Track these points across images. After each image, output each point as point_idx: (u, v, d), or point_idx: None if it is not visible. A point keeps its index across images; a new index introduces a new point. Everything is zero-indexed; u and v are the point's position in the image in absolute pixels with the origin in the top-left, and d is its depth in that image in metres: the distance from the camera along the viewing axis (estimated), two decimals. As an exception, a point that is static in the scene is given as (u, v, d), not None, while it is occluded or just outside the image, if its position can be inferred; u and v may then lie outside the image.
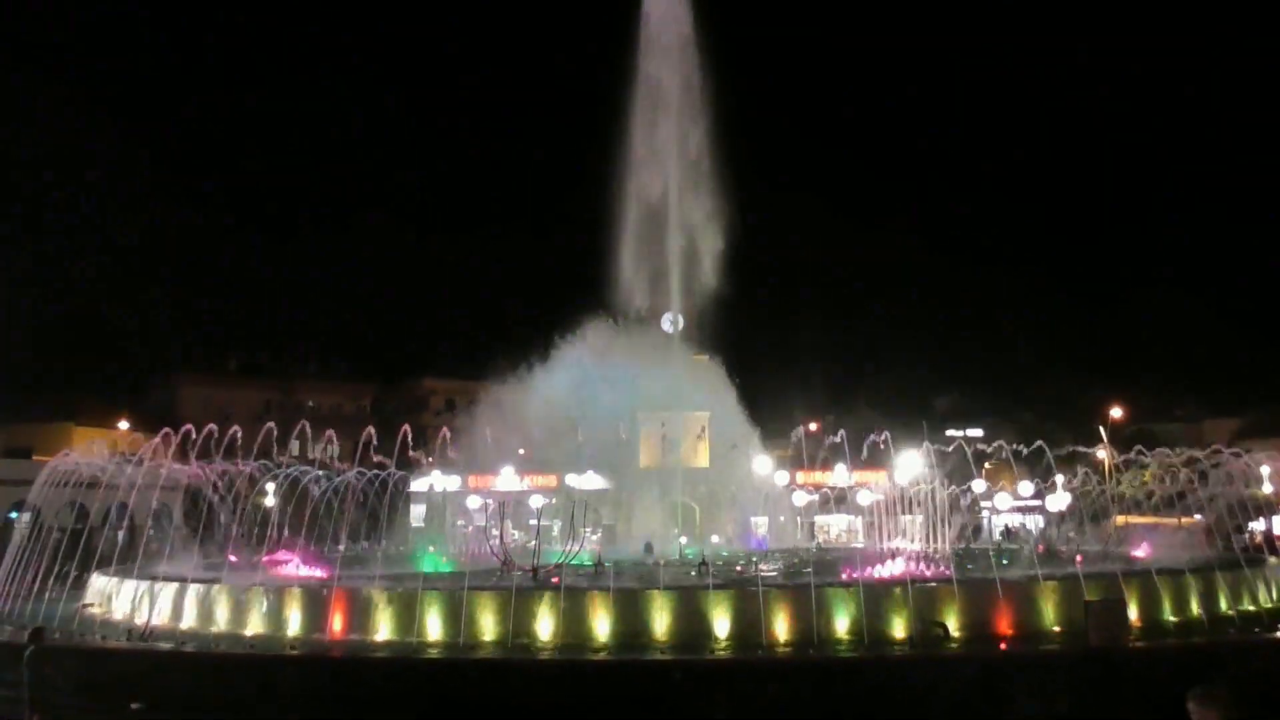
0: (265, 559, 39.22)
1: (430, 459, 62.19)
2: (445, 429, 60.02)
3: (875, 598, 26.44)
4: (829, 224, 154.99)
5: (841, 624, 25.95)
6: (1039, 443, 41.78)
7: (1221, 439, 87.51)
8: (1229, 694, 8.01)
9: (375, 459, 50.49)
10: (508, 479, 63.39)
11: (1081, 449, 57.62)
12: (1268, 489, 54.83)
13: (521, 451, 69.37)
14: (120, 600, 32.78)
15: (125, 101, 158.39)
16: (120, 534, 41.96)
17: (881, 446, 49.40)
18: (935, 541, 47.55)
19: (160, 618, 29.81)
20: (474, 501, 58.34)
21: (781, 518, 63.93)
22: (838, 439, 46.90)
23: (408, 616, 26.62)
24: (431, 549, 45.57)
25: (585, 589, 27.48)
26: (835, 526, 72.95)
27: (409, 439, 61.32)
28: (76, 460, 39.91)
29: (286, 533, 50.14)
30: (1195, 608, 28.90)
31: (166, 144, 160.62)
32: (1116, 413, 77.97)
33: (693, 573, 34.11)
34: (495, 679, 22.85)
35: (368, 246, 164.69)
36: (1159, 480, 67.77)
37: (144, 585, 31.59)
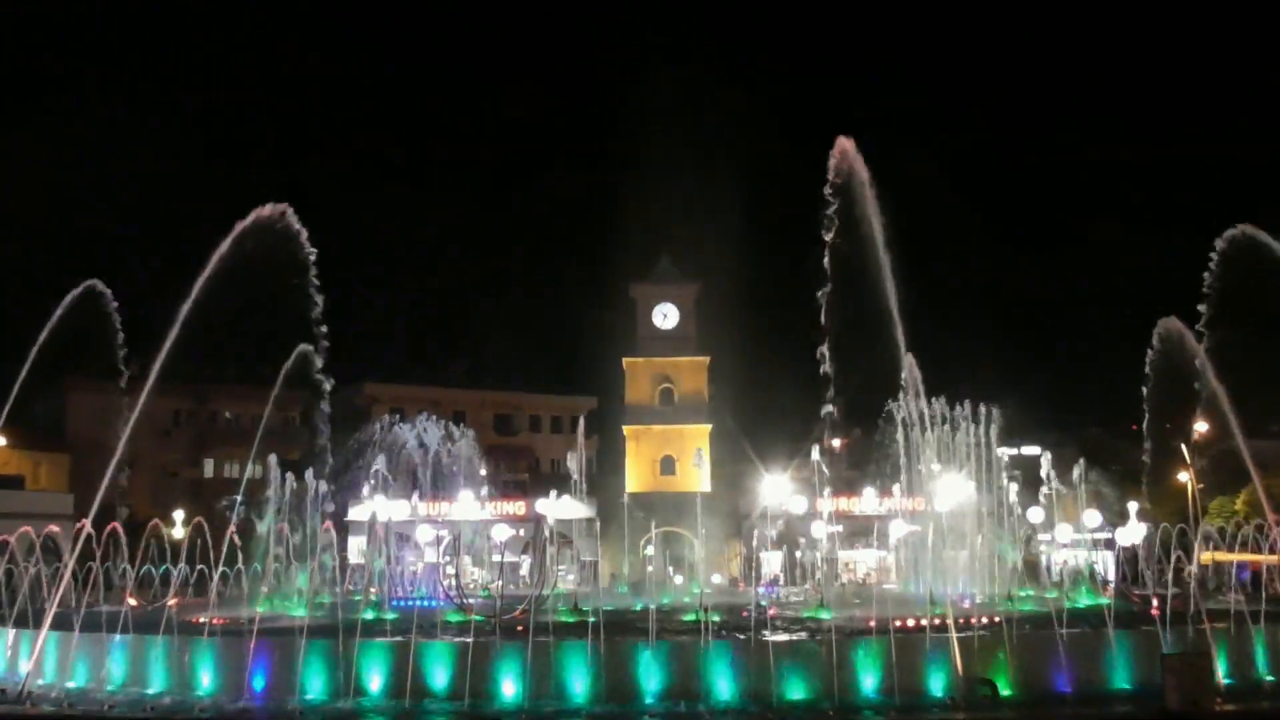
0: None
1: (372, 480, 61.93)
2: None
3: (909, 649, 26.40)
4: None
5: (868, 681, 25.92)
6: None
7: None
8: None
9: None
10: (467, 506, 63.28)
11: None
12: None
13: (484, 472, 69.26)
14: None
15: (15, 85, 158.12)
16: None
17: (921, 467, 49.44)
18: (985, 584, 47.63)
19: (42, 675, 29.62)
20: (425, 533, 58.13)
21: (799, 553, 63.90)
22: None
23: (343, 672, 26.52)
24: (374, 591, 45.42)
25: (558, 639, 27.39)
26: (863, 563, 73.00)
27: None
28: None
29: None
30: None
31: (62, 120, 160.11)
32: (1201, 427, 78.15)
33: (689, 618, 34.07)
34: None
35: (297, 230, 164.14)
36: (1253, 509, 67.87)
37: (23, 635, 31.38)
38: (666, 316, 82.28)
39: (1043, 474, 54.51)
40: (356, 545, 66.83)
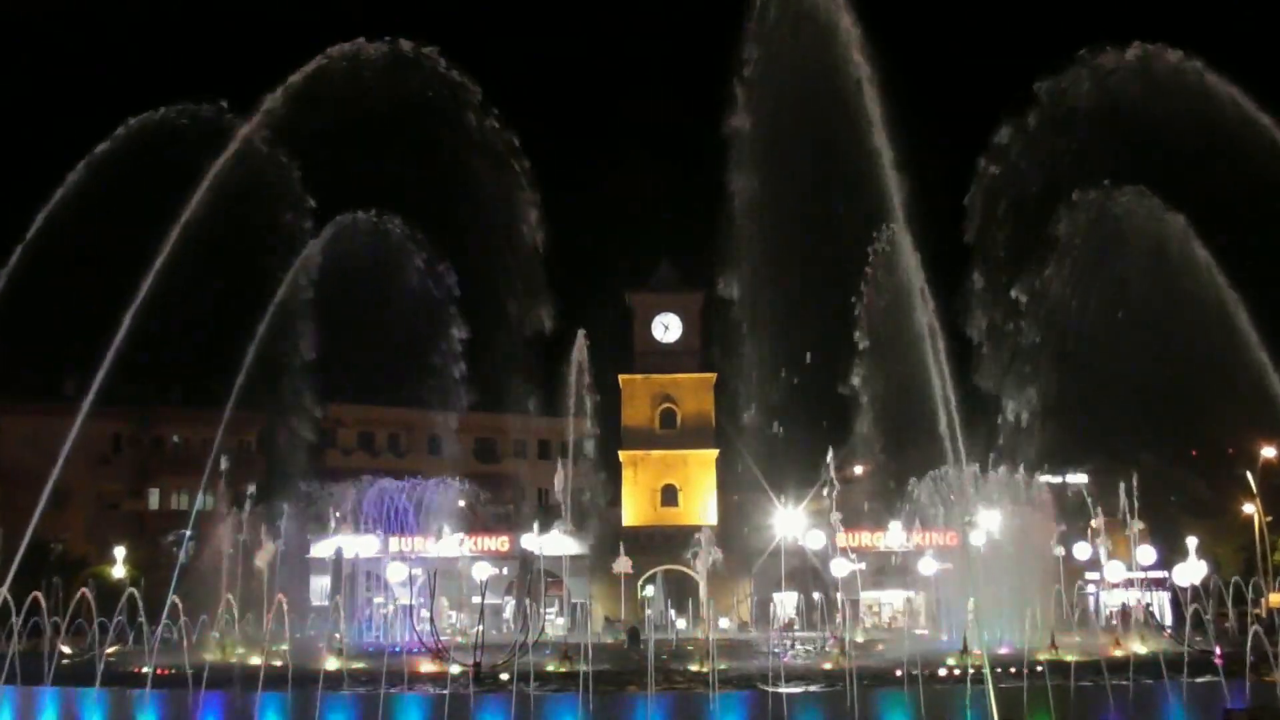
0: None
1: (338, 514, 61.86)
2: None
3: (940, 702, 26.30)
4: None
5: (895, 738, 25.85)
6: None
7: None
8: None
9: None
10: (444, 541, 63.24)
11: None
12: None
13: (462, 504, 69.18)
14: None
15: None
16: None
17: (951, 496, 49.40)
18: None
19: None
20: (397, 571, 58.15)
21: (816, 594, 63.83)
22: None
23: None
24: (337, 636, 45.35)
25: (547, 691, 27.31)
26: (888, 605, 72.81)
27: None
28: None
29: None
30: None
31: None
32: (1269, 453, 77.94)
33: (693, 666, 34.00)
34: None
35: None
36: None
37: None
38: (668, 328, 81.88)
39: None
40: (319, 585, 66.67)
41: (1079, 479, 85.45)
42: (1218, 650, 36.52)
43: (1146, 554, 59.21)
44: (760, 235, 59.64)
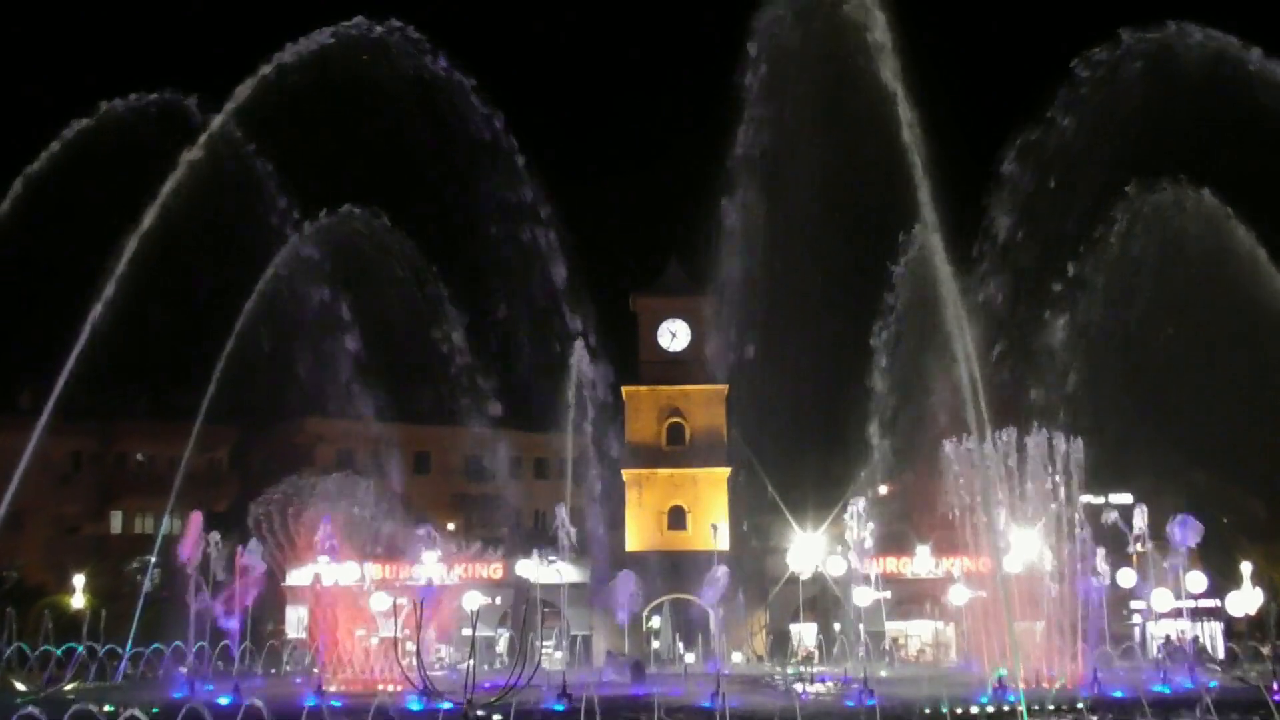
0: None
1: (316, 538, 61.75)
2: None
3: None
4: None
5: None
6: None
7: None
8: None
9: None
10: (431, 568, 63.13)
11: None
12: None
13: (451, 527, 69.20)
14: None
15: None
16: None
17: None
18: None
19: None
20: (380, 601, 58.03)
21: (837, 625, 63.73)
22: None
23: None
24: (316, 670, 45.42)
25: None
26: (916, 637, 72.66)
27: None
28: None
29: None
30: None
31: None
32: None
33: (705, 704, 34.04)
34: None
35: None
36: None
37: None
38: (675, 335, 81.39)
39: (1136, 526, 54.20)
40: (296, 616, 66.63)
41: (1124, 499, 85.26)
42: (1276, 687, 36.49)
43: (1197, 581, 58.97)
44: (774, 240, 59.66)
